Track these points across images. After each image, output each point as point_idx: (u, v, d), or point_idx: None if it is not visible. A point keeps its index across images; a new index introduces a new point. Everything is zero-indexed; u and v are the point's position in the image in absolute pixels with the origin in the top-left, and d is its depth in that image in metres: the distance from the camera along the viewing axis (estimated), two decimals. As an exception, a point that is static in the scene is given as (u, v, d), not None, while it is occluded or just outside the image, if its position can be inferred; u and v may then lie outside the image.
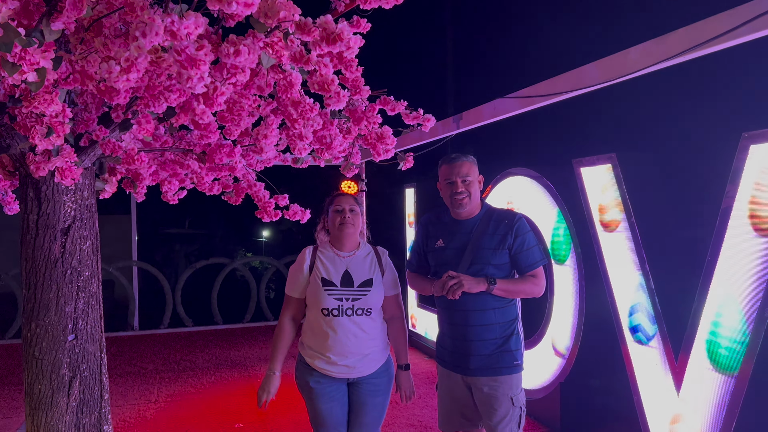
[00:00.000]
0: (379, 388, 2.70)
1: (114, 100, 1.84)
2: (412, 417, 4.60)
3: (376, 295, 2.65)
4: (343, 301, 2.60)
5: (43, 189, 2.43)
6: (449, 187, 2.64)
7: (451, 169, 2.63)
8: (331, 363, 2.60)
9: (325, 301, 2.59)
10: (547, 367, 4.31)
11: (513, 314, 2.64)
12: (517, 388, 2.60)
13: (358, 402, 2.68)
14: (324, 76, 1.92)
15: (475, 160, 2.69)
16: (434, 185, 2.83)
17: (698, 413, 3.02)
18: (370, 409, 2.69)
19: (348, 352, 2.59)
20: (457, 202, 2.62)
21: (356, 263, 2.69)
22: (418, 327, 6.88)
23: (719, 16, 2.58)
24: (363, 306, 2.62)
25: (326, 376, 2.63)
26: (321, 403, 2.64)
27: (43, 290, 2.46)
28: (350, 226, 2.67)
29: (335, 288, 2.61)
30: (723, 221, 2.86)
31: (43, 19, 1.63)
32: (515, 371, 2.60)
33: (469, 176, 2.61)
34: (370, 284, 2.66)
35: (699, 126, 4.57)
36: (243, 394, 5.29)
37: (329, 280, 2.63)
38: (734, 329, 2.82)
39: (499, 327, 2.59)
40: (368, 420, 2.69)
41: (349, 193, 2.80)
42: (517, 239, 2.58)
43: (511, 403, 2.56)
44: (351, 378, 2.66)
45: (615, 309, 3.59)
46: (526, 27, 7.65)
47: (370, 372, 2.67)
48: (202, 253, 13.70)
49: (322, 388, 2.64)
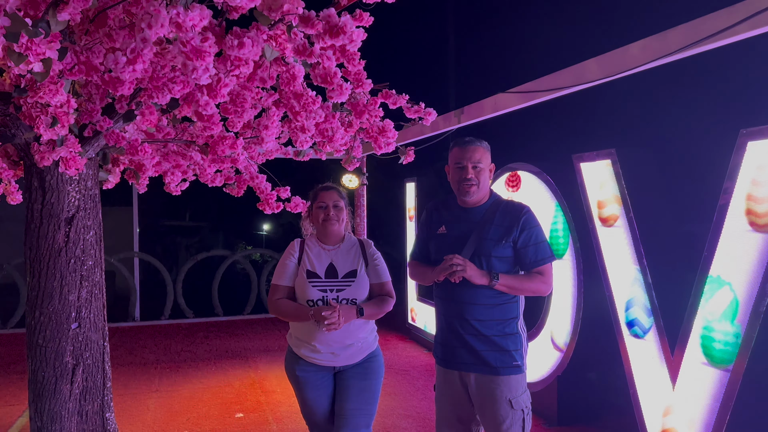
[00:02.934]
0: (365, 371, 2.70)
1: (118, 91, 1.86)
2: (410, 408, 4.64)
3: (360, 285, 2.70)
4: (327, 292, 2.65)
5: (47, 179, 2.46)
6: (458, 172, 2.51)
7: (463, 152, 2.50)
8: (315, 351, 2.64)
9: (309, 293, 2.64)
10: (546, 361, 4.35)
11: (513, 313, 2.51)
12: (517, 390, 2.46)
13: (342, 387, 2.68)
14: (327, 68, 1.94)
15: (489, 147, 2.56)
16: (434, 180, 2.84)
17: (693, 406, 3.05)
18: (356, 393, 2.65)
19: (332, 341, 2.62)
20: (464, 189, 2.49)
21: (340, 255, 2.74)
22: (417, 320, 6.92)
23: (718, 13, 2.60)
24: (348, 296, 2.65)
25: (312, 364, 2.67)
26: (307, 391, 2.69)
27: (47, 279, 2.49)
28: (334, 223, 2.72)
29: (319, 280, 2.67)
30: (720, 217, 2.89)
31: (50, 10, 1.65)
32: (514, 372, 2.46)
33: (480, 163, 2.48)
34: (354, 275, 2.71)
35: (697, 122, 4.60)
36: (243, 384, 5.33)
37: (314, 272, 2.69)
38: (729, 324, 2.85)
39: (496, 324, 2.47)
40: (355, 405, 2.64)
41: (333, 186, 2.79)
42: (523, 233, 2.46)
43: (510, 405, 2.43)
44: (337, 366, 2.69)
45: (613, 303, 3.62)
46: (527, 22, 7.66)
47: (356, 361, 2.70)
48: (203, 245, 13.74)
49: (308, 377, 2.68)
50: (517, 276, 2.50)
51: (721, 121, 4.08)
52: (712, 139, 3.89)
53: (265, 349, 6.75)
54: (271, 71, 2.04)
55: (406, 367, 5.87)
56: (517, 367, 2.48)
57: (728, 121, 3.57)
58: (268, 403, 4.81)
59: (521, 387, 2.50)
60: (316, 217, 2.74)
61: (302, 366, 2.69)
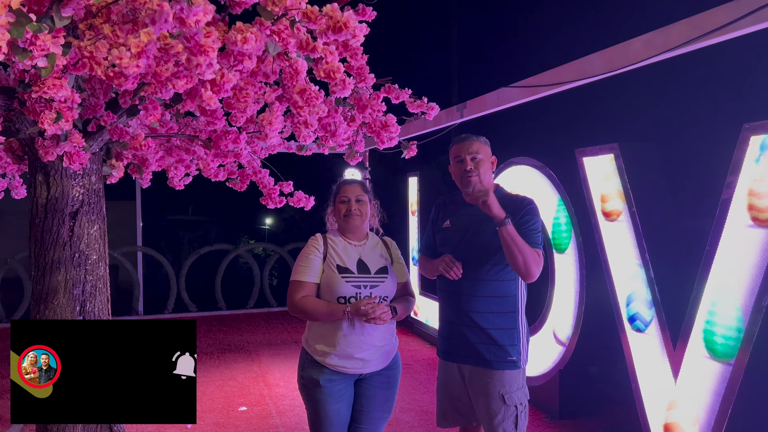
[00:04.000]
0: (389, 380, 2.61)
1: (122, 86, 1.87)
2: (412, 401, 4.66)
3: (391, 282, 2.59)
4: (361, 288, 2.50)
5: (51, 173, 2.47)
6: (459, 166, 2.55)
7: (460, 148, 2.56)
8: (344, 357, 2.47)
9: (342, 289, 2.48)
10: (548, 355, 4.36)
11: (511, 307, 2.52)
12: (511, 386, 2.46)
13: (367, 396, 2.57)
14: (330, 63, 1.95)
15: (487, 141, 2.60)
16: (437, 175, 2.84)
17: (695, 400, 3.06)
18: (380, 403, 2.58)
19: (363, 344, 2.47)
20: (465, 180, 2.50)
21: (368, 251, 2.63)
22: (420, 314, 6.93)
23: (721, 8, 2.60)
24: (381, 294, 2.53)
25: (339, 373, 2.50)
26: (329, 403, 2.50)
27: (52, 273, 2.50)
28: (356, 217, 2.59)
29: (353, 275, 2.52)
30: (723, 212, 2.89)
31: (53, 5, 1.66)
32: (508, 367, 2.47)
33: (479, 154, 2.52)
34: (385, 272, 2.59)
35: (700, 117, 4.58)
36: (247, 378, 5.35)
37: (345, 267, 2.54)
38: (731, 318, 2.85)
39: (494, 317, 2.49)
40: (378, 414, 2.58)
41: (356, 180, 2.70)
42: (522, 219, 2.46)
43: (503, 401, 2.43)
44: (364, 373, 2.54)
45: (615, 297, 3.63)
46: (530, 17, 7.64)
47: (383, 366, 2.58)
48: (206, 239, 13.77)
49: (332, 386, 2.50)
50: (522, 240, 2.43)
51: (724, 116, 4.07)
52: (715, 134, 3.88)
53: (268, 342, 6.78)
54: (274, 66, 2.05)
55: (408, 361, 5.89)
56: (512, 362, 2.48)
57: (731, 116, 3.56)
58: (271, 396, 4.83)
59: (516, 383, 2.49)
60: (338, 211, 2.62)
61: (327, 375, 2.49)
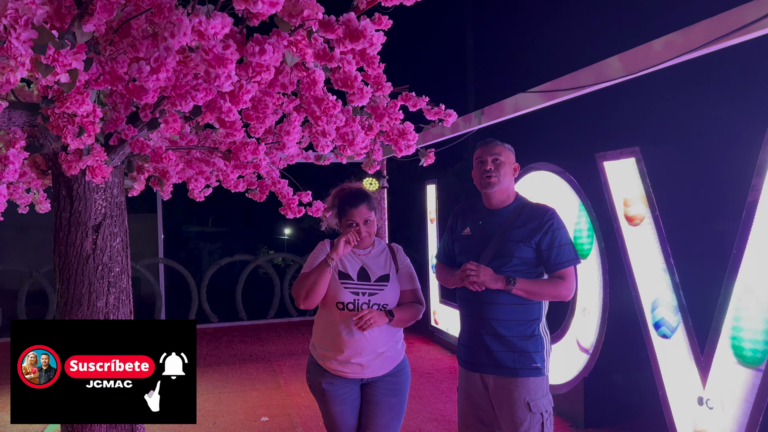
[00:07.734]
0: (395, 387, 2.65)
1: (142, 99, 1.89)
2: (434, 411, 4.62)
3: (392, 290, 2.63)
4: (359, 295, 2.58)
5: (74, 187, 2.50)
6: (479, 167, 2.57)
7: (484, 150, 2.57)
8: (343, 362, 2.56)
9: (341, 295, 2.57)
10: (572, 363, 4.30)
11: (534, 314, 2.50)
12: (536, 393, 2.44)
13: (372, 402, 2.63)
14: (347, 72, 1.95)
15: (512, 148, 2.61)
16: (455, 182, 2.84)
17: (724, 408, 2.99)
18: (386, 410, 2.62)
19: (362, 349, 2.54)
20: (485, 181, 2.52)
21: (372, 260, 2.68)
22: (440, 323, 6.89)
23: (744, 7, 2.55)
24: (379, 301, 2.58)
25: (339, 377, 2.59)
26: (333, 405, 2.61)
27: (76, 286, 2.53)
28: (366, 238, 2.65)
29: (352, 282, 2.60)
30: (749, 215, 2.83)
31: (75, 22, 1.68)
32: (533, 374, 2.45)
33: (500, 156, 2.53)
34: (386, 279, 2.64)
35: (724, 118, 4.51)
36: (268, 388, 5.36)
37: (346, 273, 2.62)
38: (759, 321, 2.78)
39: (517, 325, 2.46)
40: (384, 422, 2.62)
41: (360, 198, 2.65)
42: (546, 235, 2.45)
43: (528, 408, 2.41)
44: (365, 378, 2.61)
45: (639, 303, 3.57)
46: (547, 21, 7.60)
47: (384, 372, 2.62)
48: (226, 250, 13.87)
49: (334, 390, 2.60)
50: (536, 280, 2.47)
51: (748, 117, 4.00)
52: (739, 135, 3.81)
53: (289, 353, 6.78)
54: (291, 77, 2.05)
55: (429, 370, 5.85)
56: (537, 369, 2.45)
57: (756, 116, 3.50)
58: (294, 406, 4.82)
59: (541, 390, 2.47)
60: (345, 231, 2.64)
61: (329, 379, 2.61)
